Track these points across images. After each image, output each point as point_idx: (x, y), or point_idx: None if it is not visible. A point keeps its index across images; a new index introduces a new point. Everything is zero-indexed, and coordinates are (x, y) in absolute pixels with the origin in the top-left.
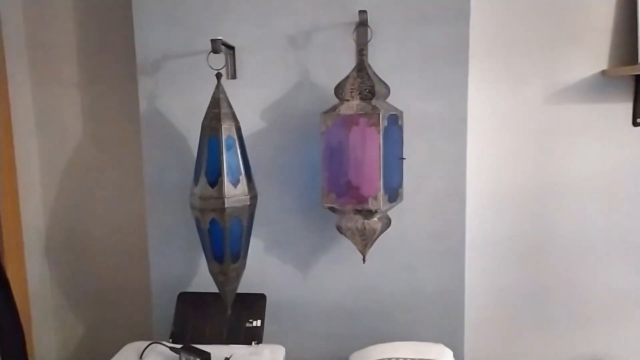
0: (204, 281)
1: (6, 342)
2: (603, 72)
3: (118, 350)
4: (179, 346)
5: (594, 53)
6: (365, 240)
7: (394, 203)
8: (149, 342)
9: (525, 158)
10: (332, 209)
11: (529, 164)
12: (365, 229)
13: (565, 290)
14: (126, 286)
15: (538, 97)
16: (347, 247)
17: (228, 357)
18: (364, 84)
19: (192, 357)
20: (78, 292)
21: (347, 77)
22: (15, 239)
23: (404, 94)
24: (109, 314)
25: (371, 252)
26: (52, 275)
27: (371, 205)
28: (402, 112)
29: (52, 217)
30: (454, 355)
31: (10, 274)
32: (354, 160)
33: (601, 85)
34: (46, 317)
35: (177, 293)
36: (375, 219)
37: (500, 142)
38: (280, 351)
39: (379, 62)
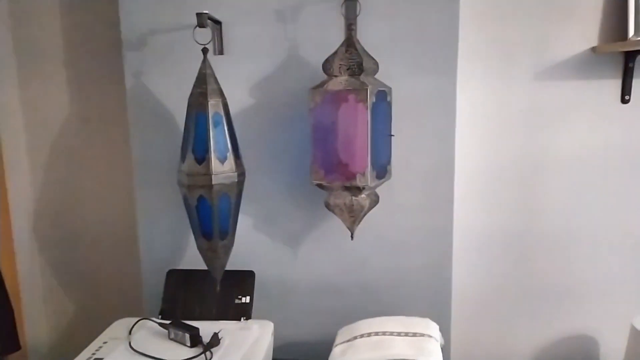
0: (192, 258)
1: None
2: (593, 49)
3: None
4: (168, 322)
5: (585, 29)
6: (353, 217)
7: (382, 180)
8: (139, 318)
9: (515, 135)
10: (320, 186)
11: (518, 140)
12: (353, 205)
13: (554, 267)
14: (116, 264)
15: (528, 74)
16: (335, 224)
17: (217, 332)
18: (353, 59)
19: (180, 333)
20: (68, 271)
21: (336, 52)
22: (3, 219)
23: (393, 70)
24: (99, 292)
25: (359, 229)
26: (41, 255)
27: (359, 181)
28: (390, 89)
29: (40, 197)
30: (440, 330)
31: None
32: (342, 137)
33: (591, 62)
34: (36, 296)
35: (167, 270)
36: (363, 195)
37: (489, 119)
38: (268, 326)
39: (368, 38)
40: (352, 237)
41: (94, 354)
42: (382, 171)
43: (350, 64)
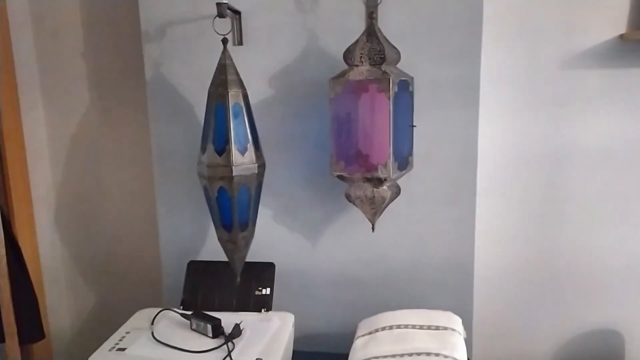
0: (213, 250)
1: (20, 311)
2: (621, 36)
3: (130, 317)
4: (189, 313)
5: (612, 16)
6: (374, 209)
7: (403, 171)
8: (160, 309)
9: (540, 125)
10: (341, 177)
11: (543, 131)
12: (374, 197)
13: (578, 259)
14: (137, 254)
15: (554, 62)
16: (356, 216)
17: (238, 323)
18: (374, 48)
19: (202, 323)
20: (89, 260)
21: (357, 41)
22: (25, 210)
23: (415, 60)
24: (120, 282)
25: (380, 221)
26: (63, 245)
27: (380, 173)
28: (412, 78)
29: (61, 187)
30: (463, 323)
31: (22, 244)
32: (363, 128)
33: (619, 50)
34: (59, 286)
35: (187, 261)
36: (384, 187)
37: (514, 108)
38: (289, 318)
39: (390, 26)
40: (373, 229)
41: (117, 343)
42: (403, 162)
43: (371, 53)
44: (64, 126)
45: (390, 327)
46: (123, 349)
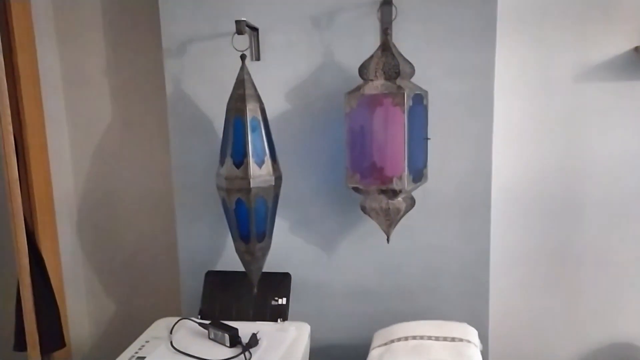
0: (230, 260)
1: (42, 317)
2: (636, 49)
3: (149, 326)
4: (207, 322)
5: (627, 29)
6: (389, 220)
7: (418, 183)
8: (179, 318)
9: (555, 137)
10: (356, 189)
11: (558, 143)
12: (389, 209)
13: (595, 272)
14: (156, 264)
15: (568, 75)
16: (371, 227)
17: (255, 332)
18: (389, 63)
19: (220, 333)
20: (109, 270)
21: (372, 56)
22: (47, 217)
23: (429, 74)
24: (139, 292)
25: (395, 232)
26: (84, 255)
27: (395, 185)
28: (427, 92)
29: (83, 198)
30: (479, 335)
31: (44, 252)
32: (378, 141)
33: (634, 62)
34: (79, 296)
35: (205, 271)
36: (399, 199)
37: (528, 121)
38: (305, 328)
39: (404, 41)
40: (388, 240)
41: (136, 352)
42: (418, 175)
43: (386, 68)
44: (86, 139)
45: (406, 338)
46: (142, 358)
